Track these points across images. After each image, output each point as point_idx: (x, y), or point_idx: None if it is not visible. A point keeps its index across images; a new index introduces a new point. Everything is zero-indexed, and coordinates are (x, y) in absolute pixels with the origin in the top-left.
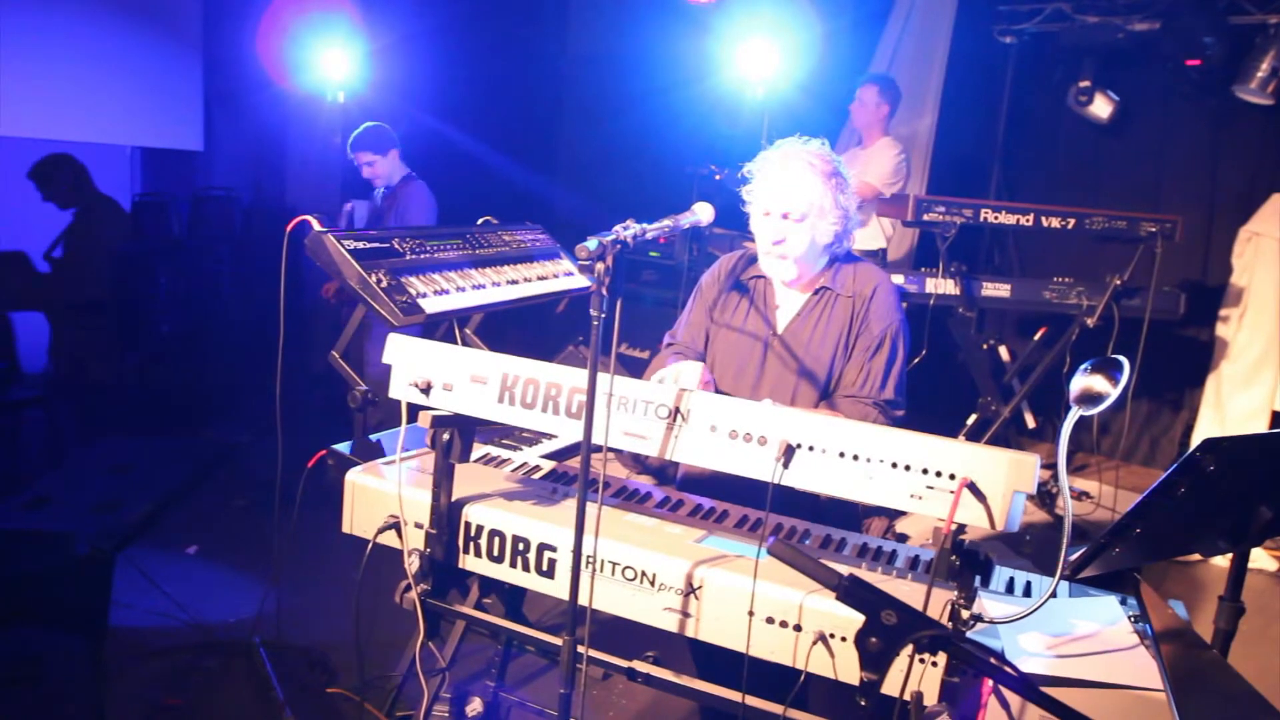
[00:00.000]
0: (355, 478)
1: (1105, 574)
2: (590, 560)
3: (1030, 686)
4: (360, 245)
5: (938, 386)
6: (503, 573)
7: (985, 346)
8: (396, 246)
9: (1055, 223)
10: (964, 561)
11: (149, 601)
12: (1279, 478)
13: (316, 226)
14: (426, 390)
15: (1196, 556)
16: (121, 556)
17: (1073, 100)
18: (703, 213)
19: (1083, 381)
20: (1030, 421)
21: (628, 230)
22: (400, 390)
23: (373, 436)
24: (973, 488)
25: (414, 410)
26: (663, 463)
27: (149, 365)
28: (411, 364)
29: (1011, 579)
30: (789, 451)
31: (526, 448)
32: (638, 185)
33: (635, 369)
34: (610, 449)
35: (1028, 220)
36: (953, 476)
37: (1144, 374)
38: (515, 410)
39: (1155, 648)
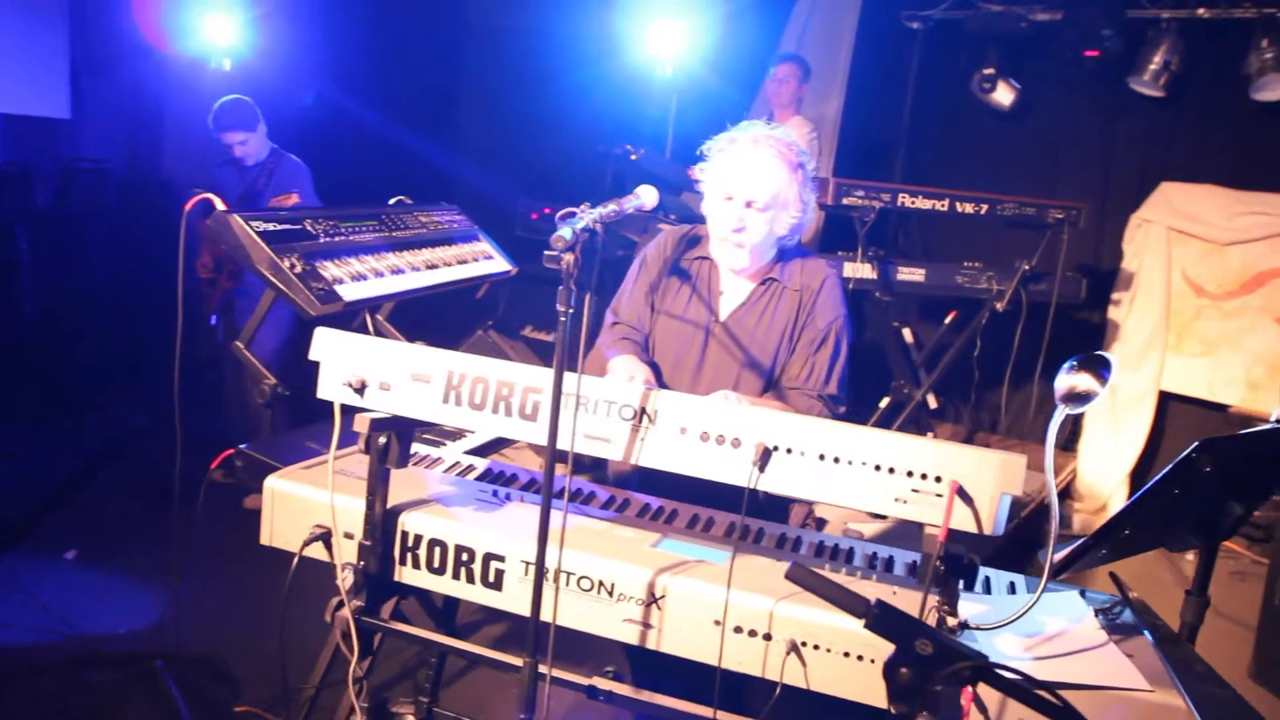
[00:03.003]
0: (276, 484)
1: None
2: (544, 571)
3: (1073, 712)
4: (270, 227)
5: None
6: (444, 585)
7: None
8: (309, 228)
9: (969, 208)
10: (949, 567)
11: (26, 614)
12: (1259, 474)
13: (220, 206)
14: (361, 390)
15: None
16: None
17: (976, 87)
18: (646, 196)
19: (1068, 380)
20: (933, 402)
21: (589, 214)
22: (331, 390)
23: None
24: (960, 491)
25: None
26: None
27: (13, 347)
28: (344, 361)
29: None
30: (765, 455)
31: (449, 442)
32: (547, 163)
33: (542, 351)
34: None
35: (943, 205)
36: (939, 479)
37: (1033, 356)
38: (462, 411)
39: (1160, 652)
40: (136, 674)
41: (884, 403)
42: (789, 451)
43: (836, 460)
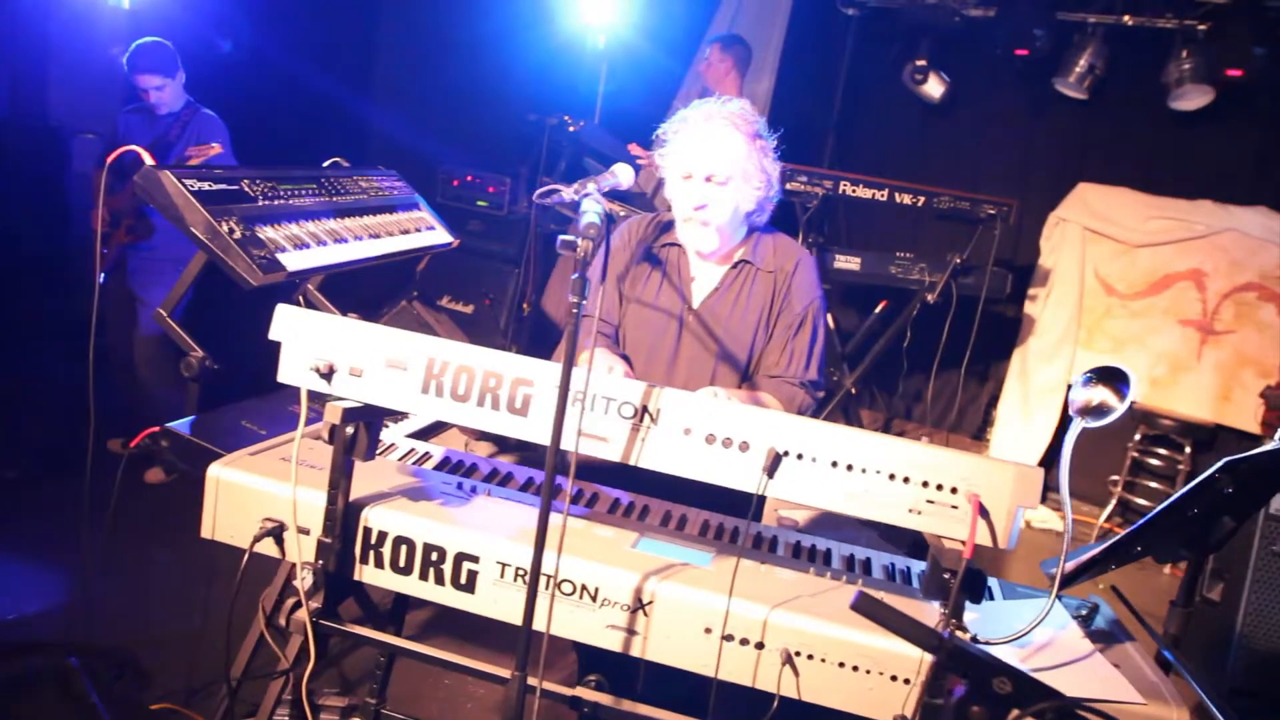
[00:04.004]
0: (221, 473)
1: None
2: (520, 573)
3: None
4: (205, 186)
5: None
6: (410, 586)
7: None
8: (247, 189)
9: (907, 199)
10: (964, 581)
11: None
12: (1260, 491)
13: (149, 160)
14: (329, 375)
15: None
16: None
17: (908, 78)
18: (623, 175)
19: (1084, 394)
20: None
21: (590, 191)
22: (294, 374)
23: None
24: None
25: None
26: None
27: None
28: (309, 342)
29: None
30: (776, 460)
31: (391, 424)
32: (471, 129)
33: (464, 324)
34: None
35: (883, 195)
36: (954, 490)
37: (958, 348)
38: (444, 403)
39: (1197, 669)
40: (38, 668)
41: None
42: (799, 457)
43: (850, 468)
